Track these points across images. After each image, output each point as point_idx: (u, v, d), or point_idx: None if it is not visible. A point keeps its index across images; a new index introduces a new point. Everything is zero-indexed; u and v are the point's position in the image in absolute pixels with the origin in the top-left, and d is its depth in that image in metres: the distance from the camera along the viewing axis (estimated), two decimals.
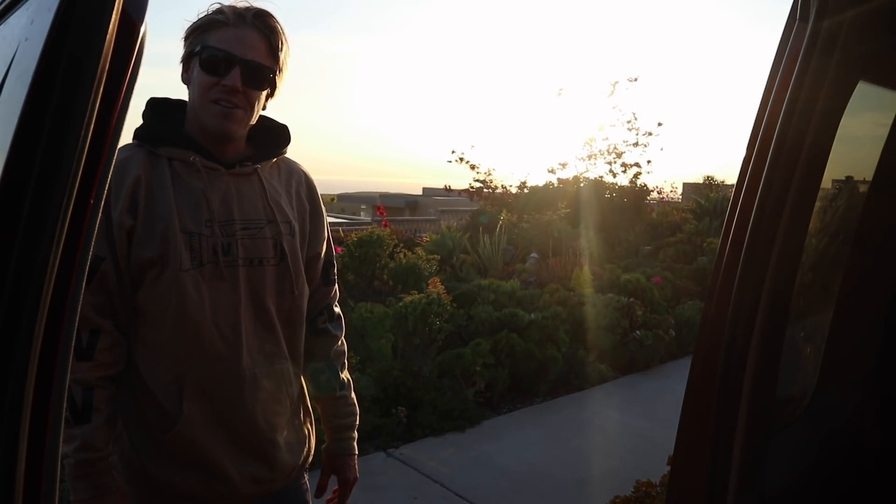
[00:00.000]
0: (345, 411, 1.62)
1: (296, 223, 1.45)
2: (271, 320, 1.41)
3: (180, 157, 1.35)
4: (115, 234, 1.28)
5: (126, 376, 1.35)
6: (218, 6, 1.35)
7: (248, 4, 1.35)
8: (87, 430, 1.26)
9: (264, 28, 1.34)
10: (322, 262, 1.55)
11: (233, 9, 1.34)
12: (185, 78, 1.37)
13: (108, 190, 1.31)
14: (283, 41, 1.37)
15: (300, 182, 1.51)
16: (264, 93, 1.38)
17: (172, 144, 1.35)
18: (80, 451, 1.26)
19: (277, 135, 1.50)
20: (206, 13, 1.35)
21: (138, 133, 1.37)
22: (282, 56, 1.37)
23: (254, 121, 1.39)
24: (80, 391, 1.26)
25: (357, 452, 1.67)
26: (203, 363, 1.34)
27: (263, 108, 1.42)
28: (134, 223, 1.29)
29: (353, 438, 1.66)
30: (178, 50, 1.39)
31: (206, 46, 1.31)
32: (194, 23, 1.35)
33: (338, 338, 1.61)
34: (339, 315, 1.63)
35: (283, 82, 1.41)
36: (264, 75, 1.35)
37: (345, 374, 1.62)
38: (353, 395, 1.64)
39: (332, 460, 1.63)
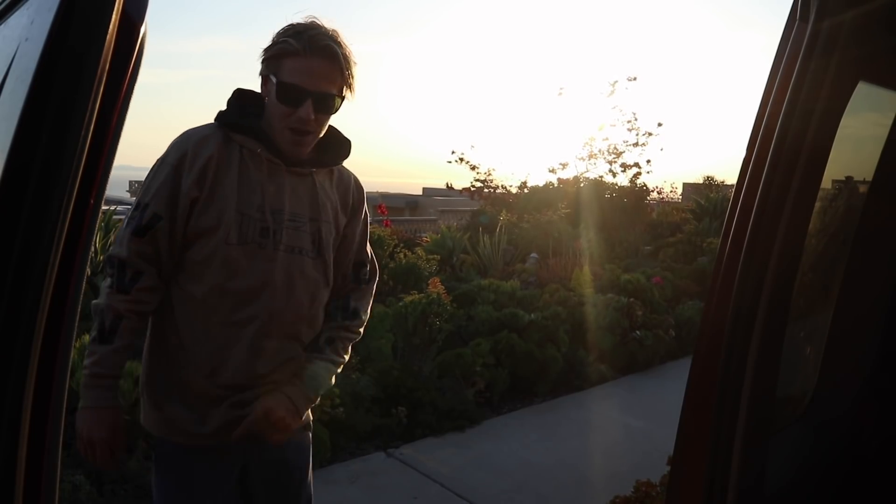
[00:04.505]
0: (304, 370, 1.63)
1: (333, 224, 1.63)
2: (299, 306, 1.56)
3: (250, 147, 1.51)
4: (180, 200, 1.47)
5: (163, 323, 1.55)
6: (291, 30, 1.46)
7: (317, 29, 1.46)
8: (105, 350, 1.46)
9: (333, 56, 1.46)
10: (353, 259, 1.71)
11: (303, 36, 1.44)
12: (264, 91, 1.53)
13: (182, 159, 1.46)
14: (351, 64, 1.50)
15: (348, 190, 1.68)
16: None
17: (246, 134, 1.52)
18: (94, 366, 1.46)
19: (340, 147, 1.65)
20: (279, 36, 1.46)
21: (220, 117, 1.54)
22: (351, 78, 1.51)
23: (322, 134, 1.56)
24: (110, 317, 1.46)
25: (296, 405, 1.58)
26: (225, 325, 1.51)
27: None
28: (199, 195, 1.47)
29: (299, 391, 1.60)
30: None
31: (280, 82, 1.45)
32: (269, 47, 1.48)
33: (342, 324, 1.69)
34: (354, 309, 1.72)
35: (355, 93, 1.54)
36: (333, 103, 1.50)
37: (329, 349, 1.66)
38: (321, 365, 1.63)
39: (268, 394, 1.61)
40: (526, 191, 12.91)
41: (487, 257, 8.05)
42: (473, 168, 13.14)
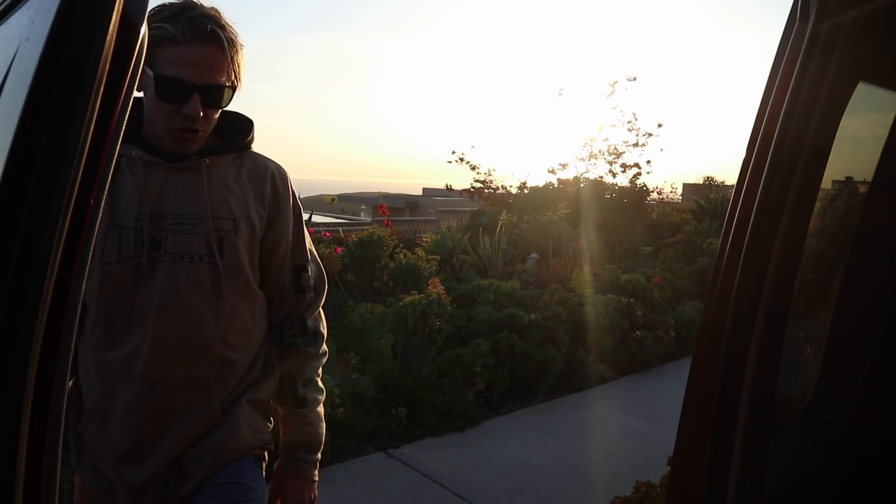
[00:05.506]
0: (297, 430, 1.49)
1: (245, 220, 1.36)
2: (198, 322, 1.32)
3: (125, 153, 1.32)
4: None
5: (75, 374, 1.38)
6: (164, 12, 1.25)
7: (194, 9, 1.25)
8: None
9: (218, 41, 1.26)
10: (289, 265, 1.46)
11: (180, 19, 1.23)
12: (137, 85, 1.32)
13: None
14: (238, 48, 1.31)
15: (264, 180, 1.42)
16: None
17: (122, 141, 1.34)
18: None
19: (238, 129, 1.43)
20: (150, 20, 1.22)
21: None
22: (238, 64, 1.32)
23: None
24: None
25: (313, 478, 1.51)
26: (113, 363, 1.32)
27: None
28: None
29: (306, 461, 1.50)
30: None
31: (159, 76, 1.24)
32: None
33: (308, 353, 1.49)
34: (314, 330, 1.50)
35: (242, 82, 1.35)
36: (224, 95, 1.30)
37: (310, 392, 1.50)
38: (315, 414, 1.51)
39: (279, 481, 1.51)
40: (526, 191, 12.93)
41: (487, 258, 8.05)
42: (474, 168, 13.17)
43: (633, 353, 5.74)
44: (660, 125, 13.02)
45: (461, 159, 13.19)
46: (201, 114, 1.27)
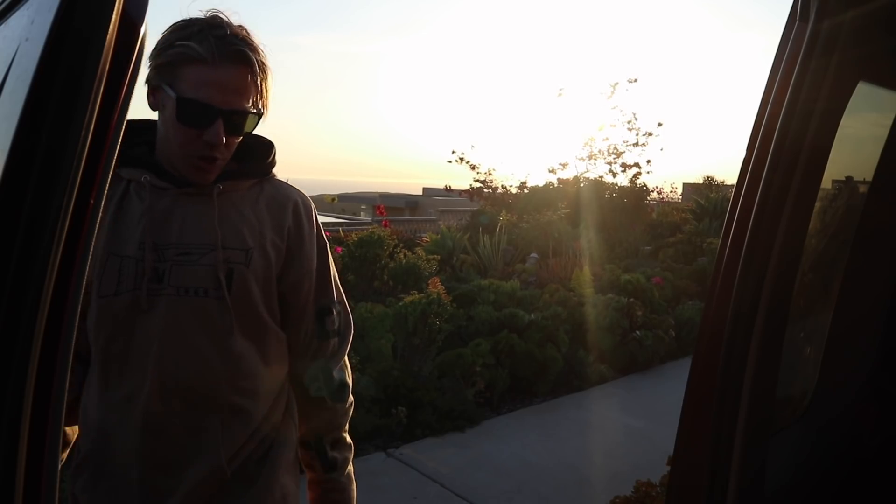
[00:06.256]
0: (328, 498, 1.40)
1: (259, 251, 1.24)
2: (202, 361, 1.20)
3: (134, 178, 1.23)
4: None
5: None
6: (189, 29, 1.15)
7: (222, 28, 1.16)
8: None
9: (248, 64, 1.16)
10: (312, 307, 1.33)
11: (207, 38, 1.13)
12: (153, 103, 1.20)
13: None
14: (267, 72, 1.21)
15: (285, 209, 1.30)
16: None
17: (132, 165, 1.23)
18: None
19: (257, 153, 1.33)
20: (174, 37, 1.15)
21: None
22: (266, 89, 1.22)
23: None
24: None
25: None
26: (111, 405, 1.21)
27: None
28: None
29: None
30: None
31: (181, 98, 1.14)
32: (161, 50, 1.15)
33: (335, 410, 1.38)
34: (340, 382, 1.37)
35: (269, 108, 1.26)
36: (248, 122, 1.20)
37: (339, 453, 1.40)
38: (346, 478, 1.41)
39: None
40: (526, 191, 12.94)
41: (487, 257, 8.06)
42: (473, 168, 13.18)
43: (633, 352, 5.74)
44: (660, 125, 13.09)
45: (461, 159, 13.21)
46: (224, 141, 1.17)
